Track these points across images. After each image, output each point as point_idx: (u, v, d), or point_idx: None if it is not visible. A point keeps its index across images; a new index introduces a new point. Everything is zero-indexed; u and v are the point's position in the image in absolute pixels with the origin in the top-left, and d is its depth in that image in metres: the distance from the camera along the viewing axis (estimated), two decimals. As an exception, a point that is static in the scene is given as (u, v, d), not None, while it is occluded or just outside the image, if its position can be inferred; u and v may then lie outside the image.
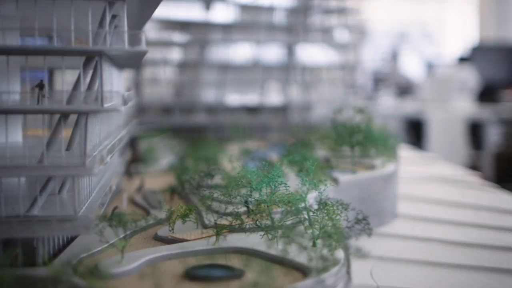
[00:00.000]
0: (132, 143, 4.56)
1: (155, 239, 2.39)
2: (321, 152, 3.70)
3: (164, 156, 4.16)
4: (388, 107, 12.61)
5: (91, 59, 2.24)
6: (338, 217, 2.18)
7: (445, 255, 2.91)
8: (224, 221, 2.42)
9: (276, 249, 1.99)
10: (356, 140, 3.18)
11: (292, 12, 5.21)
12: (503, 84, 11.88)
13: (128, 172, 3.74)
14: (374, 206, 3.26)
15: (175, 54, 5.15)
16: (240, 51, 5.27)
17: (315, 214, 2.17)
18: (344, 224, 2.24)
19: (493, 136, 10.88)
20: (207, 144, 4.14)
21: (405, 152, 5.89)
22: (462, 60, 12.47)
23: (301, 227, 2.19)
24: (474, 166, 10.89)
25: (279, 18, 5.21)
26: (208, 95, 5.08)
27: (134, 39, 2.84)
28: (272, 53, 5.29)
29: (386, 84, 14.47)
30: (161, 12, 4.91)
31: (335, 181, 3.12)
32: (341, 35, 5.53)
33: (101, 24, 2.29)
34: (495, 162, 10.83)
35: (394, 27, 18.42)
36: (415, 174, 4.48)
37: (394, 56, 16.21)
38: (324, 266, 1.80)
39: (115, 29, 2.51)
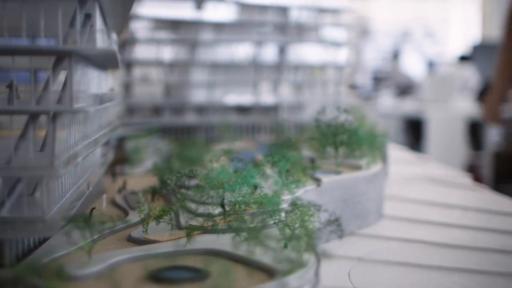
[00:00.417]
0: (119, 143, 4.55)
1: (129, 240, 2.36)
2: (307, 152, 3.67)
3: (151, 156, 4.13)
4: (388, 107, 12.55)
5: (62, 59, 2.22)
6: (311, 218, 2.15)
7: (427, 257, 2.87)
8: (199, 222, 2.41)
9: (245, 250, 1.96)
10: (340, 140, 3.14)
11: (285, 11, 5.17)
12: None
13: (113, 173, 3.72)
14: (358, 207, 3.22)
15: (166, 54, 5.12)
16: (232, 50, 5.24)
17: (288, 215, 2.14)
18: (317, 225, 2.21)
19: (493, 136, 10.80)
20: (194, 145, 4.12)
21: (399, 152, 5.85)
22: (463, 59, 12.38)
23: (274, 229, 2.16)
24: (473, 166, 10.83)
25: (271, 17, 5.18)
26: (199, 95, 5.05)
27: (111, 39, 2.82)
28: (264, 52, 5.26)
29: (386, 83, 14.43)
30: (151, 11, 4.89)
31: (318, 181, 3.08)
32: (335, 34, 5.49)
33: (72, 23, 2.27)
34: (495, 162, 10.75)
35: (396, 26, 18.40)
36: (406, 175, 4.44)
37: (395, 55, 16.15)
38: (289, 268, 1.77)
39: (91, 28, 2.49)
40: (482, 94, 11.20)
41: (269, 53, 5.43)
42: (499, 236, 3.14)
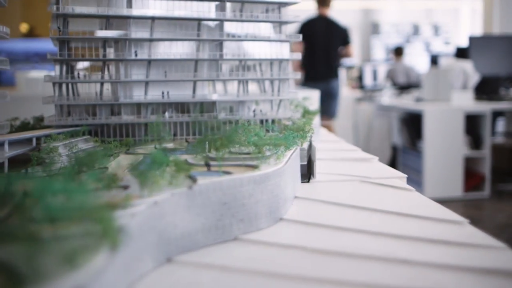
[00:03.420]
0: (37, 145, 4.43)
1: None
2: (212, 153, 3.48)
3: (67, 159, 4.00)
4: (388, 102, 12.21)
5: None
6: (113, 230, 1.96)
7: (303, 266, 2.63)
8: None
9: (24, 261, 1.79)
10: (219, 140, 2.94)
11: (224, 4, 4.98)
12: (505, 80, 11.22)
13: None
14: (242, 210, 3.00)
15: (101, 52, 4.99)
16: (170, 46, 5.08)
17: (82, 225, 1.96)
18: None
19: (494, 131, 10.39)
20: (106, 146, 3.96)
21: (349, 151, 5.58)
22: (459, 51, 11.89)
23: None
24: (473, 161, 10.43)
25: (209, 12, 5.00)
26: (137, 93, 4.92)
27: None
28: (204, 47, 5.08)
29: (389, 78, 14.05)
30: (88, 10, 4.76)
31: (191, 183, 2.89)
32: (282, 28, 5.27)
33: None
34: (495, 157, 10.33)
35: (404, 20, 17.92)
36: (338, 176, 4.19)
37: (398, 51, 15.77)
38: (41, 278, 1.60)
39: None
40: (478, 89, 10.76)
41: (208, 48, 5.26)
42: (393, 242, 2.89)
